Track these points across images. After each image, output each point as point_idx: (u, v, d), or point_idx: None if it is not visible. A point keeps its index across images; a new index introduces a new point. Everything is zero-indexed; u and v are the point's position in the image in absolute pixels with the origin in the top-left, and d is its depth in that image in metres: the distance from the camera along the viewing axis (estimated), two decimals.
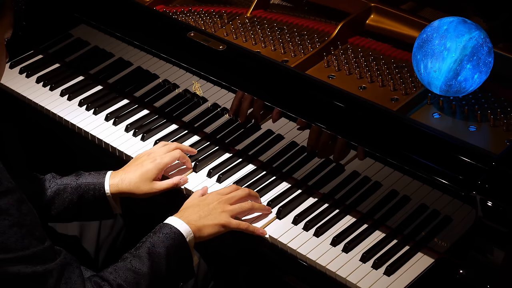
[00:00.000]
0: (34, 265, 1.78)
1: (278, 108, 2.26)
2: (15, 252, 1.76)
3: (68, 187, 2.19)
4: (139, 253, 1.96)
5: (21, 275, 1.77)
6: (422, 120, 2.17)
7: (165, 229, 2.02)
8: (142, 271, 1.93)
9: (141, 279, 1.93)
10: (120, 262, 1.96)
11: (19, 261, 1.77)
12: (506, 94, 2.24)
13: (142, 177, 2.21)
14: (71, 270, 1.84)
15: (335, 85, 2.25)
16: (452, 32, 2.13)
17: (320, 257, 2.09)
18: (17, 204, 1.78)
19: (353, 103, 2.18)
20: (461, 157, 1.98)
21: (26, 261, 1.77)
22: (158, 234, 2.01)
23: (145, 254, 1.95)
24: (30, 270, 1.77)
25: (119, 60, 2.66)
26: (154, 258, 1.96)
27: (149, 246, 1.98)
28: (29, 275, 1.77)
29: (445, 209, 2.05)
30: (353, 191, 2.20)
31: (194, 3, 2.76)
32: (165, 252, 1.97)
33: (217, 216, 2.10)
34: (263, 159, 2.35)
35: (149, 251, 1.96)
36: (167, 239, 2.00)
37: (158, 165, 2.24)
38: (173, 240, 2.00)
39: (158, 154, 2.26)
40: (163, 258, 1.97)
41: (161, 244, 1.98)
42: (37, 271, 1.78)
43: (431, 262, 2.06)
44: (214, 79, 2.37)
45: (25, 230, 1.77)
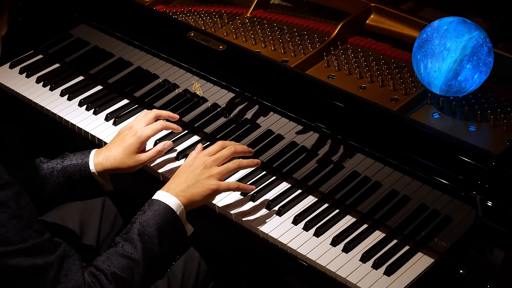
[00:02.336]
0: (33, 257, 1.78)
1: (278, 108, 2.25)
2: (15, 245, 1.76)
3: (55, 171, 2.19)
4: (130, 236, 1.94)
5: (21, 268, 1.77)
6: (422, 120, 2.17)
7: (154, 206, 1.99)
8: (135, 255, 1.91)
9: (134, 264, 1.91)
10: (112, 248, 1.94)
11: (19, 253, 1.76)
12: (506, 94, 2.24)
13: (126, 152, 2.20)
14: (72, 262, 1.84)
15: (335, 85, 2.25)
16: (452, 32, 2.13)
17: (320, 257, 2.09)
18: (16, 197, 1.78)
19: (353, 103, 2.18)
20: (461, 157, 1.98)
21: (26, 253, 1.77)
22: (148, 212, 1.98)
23: (136, 237, 1.93)
24: (29, 262, 1.77)
25: (119, 60, 2.66)
26: (145, 239, 1.93)
27: (139, 227, 1.95)
28: (28, 268, 1.77)
29: (445, 209, 2.05)
30: (353, 191, 2.20)
31: (194, 3, 2.76)
32: (156, 232, 1.95)
33: (205, 182, 2.07)
34: (263, 159, 2.35)
35: (140, 233, 1.94)
36: (157, 216, 1.97)
37: (140, 138, 2.22)
38: (164, 216, 1.98)
39: (139, 128, 2.24)
40: (155, 238, 1.94)
41: (151, 223, 1.95)
42: (36, 263, 1.78)
43: (431, 262, 2.06)
44: (214, 79, 2.37)
45: (24, 222, 1.77)
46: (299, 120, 2.22)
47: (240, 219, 2.21)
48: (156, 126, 2.26)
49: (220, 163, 2.13)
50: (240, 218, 2.21)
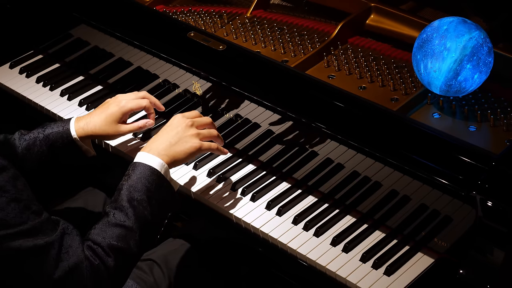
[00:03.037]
0: (34, 237, 1.79)
1: (278, 108, 2.25)
2: (15, 227, 1.78)
3: (37, 140, 2.20)
4: (120, 204, 1.94)
5: (23, 249, 1.78)
6: (422, 120, 2.17)
7: (138, 169, 1.99)
8: (128, 223, 1.92)
9: (128, 232, 1.91)
10: (103, 218, 1.94)
11: (20, 235, 1.78)
12: (506, 94, 2.24)
13: (107, 119, 2.22)
14: (71, 239, 1.86)
15: (335, 85, 2.25)
16: (452, 32, 2.13)
17: (320, 257, 2.09)
18: (13, 181, 1.80)
19: (353, 103, 2.18)
20: (461, 157, 1.98)
21: (27, 235, 1.79)
22: (133, 176, 1.98)
23: (126, 204, 1.93)
24: (31, 243, 1.79)
25: (119, 60, 2.66)
26: (135, 205, 1.94)
27: (127, 193, 1.95)
28: (30, 248, 1.79)
29: (445, 209, 2.05)
30: (353, 191, 2.20)
31: (194, 3, 2.76)
32: (145, 195, 1.95)
33: (188, 140, 2.08)
34: (263, 159, 2.35)
35: (129, 199, 1.94)
36: (143, 179, 1.97)
37: (123, 108, 2.23)
38: (149, 178, 1.98)
39: (125, 98, 2.26)
40: (144, 202, 1.95)
41: (138, 187, 1.96)
42: (38, 243, 1.80)
43: (431, 262, 2.06)
44: (214, 79, 2.37)
45: (22, 205, 1.79)
46: (299, 120, 2.22)
47: (240, 219, 2.21)
48: (142, 103, 2.27)
49: (199, 127, 2.14)
50: (240, 218, 2.21)
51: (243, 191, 2.27)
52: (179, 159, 2.07)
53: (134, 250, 1.92)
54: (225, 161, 2.37)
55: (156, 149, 2.05)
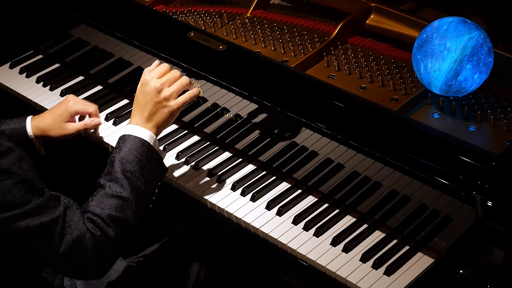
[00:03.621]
0: (40, 216, 1.84)
1: (278, 108, 2.25)
2: (22, 207, 1.82)
3: None
4: (114, 176, 2.00)
5: (30, 228, 1.83)
6: (422, 120, 2.17)
7: (129, 142, 2.05)
8: (124, 194, 1.98)
9: (125, 202, 1.97)
10: (99, 190, 1.99)
11: (26, 215, 1.83)
12: (506, 94, 2.24)
13: (55, 119, 2.33)
14: (72, 213, 1.91)
15: (335, 85, 2.25)
16: (452, 32, 2.13)
17: (320, 257, 2.09)
18: (19, 162, 1.84)
19: (353, 103, 2.18)
20: (461, 157, 1.98)
21: (32, 214, 1.84)
22: (124, 149, 2.04)
23: (121, 175, 1.99)
24: (37, 221, 1.84)
25: (119, 60, 2.66)
26: (129, 176, 2.00)
27: (120, 165, 2.01)
28: (37, 226, 1.84)
29: (445, 209, 2.05)
30: (353, 191, 2.20)
31: (194, 3, 2.76)
32: (137, 166, 2.02)
33: (165, 105, 2.11)
34: (263, 159, 2.35)
35: (122, 171, 2.00)
36: (134, 151, 2.03)
37: (69, 109, 2.34)
38: (140, 150, 2.04)
39: (73, 99, 2.37)
40: (137, 173, 2.01)
41: (130, 159, 2.02)
42: (44, 221, 1.85)
43: (431, 262, 2.06)
44: (214, 79, 2.37)
45: (27, 185, 1.84)
46: (299, 120, 2.22)
47: (241, 219, 2.21)
48: (88, 107, 2.37)
49: (170, 84, 2.14)
50: (240, 218, 2.21)
51: (243, 191, 2.27)
52: (162, 125, 2.12)
53: (131, 220, 1.98)
54: (225, 161, 2.37)
55: (141, 121, 2.10)
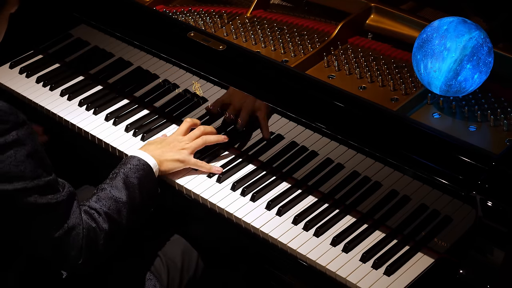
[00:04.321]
0: (46, 195, 1.90)
1: (278, 108, 2.25)
2: (32, 181, 1.88)
3: None
4: (116, 184, 2.12)
5: (38, 205, 1.89)
6: (422, 120, 2.17)
7: (134, 161, 2.19)
8: (122, 199, 2.09)
9: (122, 206, 2.09)
10: (100, 192, 2.10)
11: (35, 190, 1.89)
12: (506, 94, 2.24)
13: None
14: (73, 200, 1.98)
15: (335, 85, 2.25)
16: (452, 32, 2.13)
17: (320, 257, 2.09)
18: (32, 136, 1.89)
19: (353, 103, 2.18)
20: (461, 157, 1.98)
21: (40, 191, 1.89)
22: (128, 165, 2.18)
23: (122, 184, 2.12)
24: (45, 200, 1.90)
25: (119, 60, 2.66)
26: (129, 187, 2.13)
27: (123, 177, 2.14)
28: (44, 205, 1.90)
29: (445, 209, 2.05)
30: (353, 191, 2.20)
31: (194, 3, 2.76)
32: (137, 182, 2.15)
33: (177, 153, 2.29)
34: (263, 159, 2.35)
35: (124, 182, 2.13)
36: (138, 170, 2.17)
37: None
38: (143, 171, 2.18)
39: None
40: (136, 188, 2.14)
41: (133, 175, 2.16)
42: (50, 202, 1.91)
43: (431, 262, 2.06)
44: (214, 79, 2.37)
45: (38, 159, 1.90)
46: (299, 120, 2.23)
47: (240, 219, 2.21)
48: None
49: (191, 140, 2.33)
50: (240, 218, 2.21)
51: (243, 191, 2.27)
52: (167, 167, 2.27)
53: (124, 223, 2.08)
54: (224, 162, 2.37)
55: (151, 151, 2.26)
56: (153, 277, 2.22)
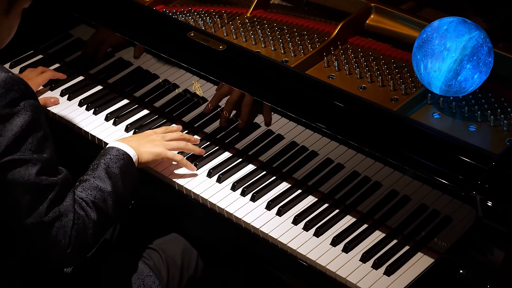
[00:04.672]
0: (42, 175, 1.91)
1: (278, 108, 2.25)
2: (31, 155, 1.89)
3: None
4: (99, 174, 2.11)
5: (30, 181, 1.89)
6: (422, 120, 2.17)
7: (113, 151, 2.18)
8: (107, 189, 2.09)
9: (107, 196, 2.08)
10: (84, 182, 2.09)
11: (32, 165, 1.89)
12: (506, 94, 2.24)
13: None
14: (68, 187, 1.99)
15: (335, 85, 2.25)
16: (452, 32, 2.13)
17: (320, 257, 2.09)
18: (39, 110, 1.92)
19: (353, 103, 2.18)
20: (461, 157, 1.98)
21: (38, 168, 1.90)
22: (108, 155, 2.17)
23: (104, 174, 2.12)
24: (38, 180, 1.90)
25: (119, 60, 2.66)
26: (111, 177, 2.12)
27: (104, 167, 2.13)
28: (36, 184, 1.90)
29: (445, 209, 2.05)
30: (353, 191, 2.20)
31: (194, 3, 2.76)
32: (119, 171, 2.14)
33: (155, 146, 2.28)
34: (263, 159, 2.35)
35: (106, 171, 2.12)
36: (118, 160, 2.17)
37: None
38: (123, 160, 2.17)
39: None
40: (119, 178, 2.13)
41: (114, 165, 2.15)
42: (43, 182, 1.91)
43: (431, 262, 2.06)
44: (214, 79, 2.37)
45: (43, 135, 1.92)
46: (299, 120, 2.23)
47: (240, 219, 2.21)
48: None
49: (169, 140, 2.33)
50: (240, 218, 2.21)
51: (243, 191, 2.27)
52: (145, 157, 2.25)
53: (111, 213, 2.08)
54: (225, 161, 2.37)
55: (128, 142, 2.25)
56: (153, 274, 2.22)
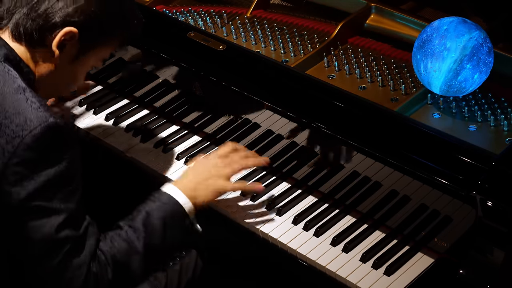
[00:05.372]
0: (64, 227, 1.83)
1: (278, 108, 2.26)
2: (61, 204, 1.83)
3: None
4: (135, 224, 1.97)
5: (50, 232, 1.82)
6: (422, 120, 2.17)
7: (163, 199, 2.03)
8: (136, 244, 1.95)
9: (134, 253, 1.94)
10: (116, 230, 1.97)
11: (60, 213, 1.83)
12: (506, 94, 2.24)
13: None
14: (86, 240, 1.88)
15: (335, 85, 2.25)
16: (452, 32, 2.13)
17: (320, 257, 2.09)
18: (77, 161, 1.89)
19: (353, 103, 2.18)
20: (461, 157, 1.98)
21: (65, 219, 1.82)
22: (156, 202, 2.02)
23: (141, 226, 1.97)
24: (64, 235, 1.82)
25: (119, 60, 2.66)
26: (149, 230, 1.97)
27: (144, 216, 1.98)
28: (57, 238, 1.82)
29: (445, 209, 2.05)
30: (353, 191, 2.20)
31: (194, 3, 2.76)
32: (161, 223, 1.98)
33: (213, 183, 2.11)
34: None
35: (145, 223, 1.97)
36: (165, 209, 2.01)
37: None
38: (171, 211, 2.02)
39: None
40: (158, 231, 1.98)
41: (158, 215, 1.99)
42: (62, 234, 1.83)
43: (431, 262, 2.06)
44: (214, 79, 2.37)
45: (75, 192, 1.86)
46: (299, 120, 2.23)
47: (241, 219, 2.21)
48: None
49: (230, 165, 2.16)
50: (240, 218, 2.21)
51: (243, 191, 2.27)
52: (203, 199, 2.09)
53: (133, 270, 1.95)
54: None
55: (183, 186, 2.07)
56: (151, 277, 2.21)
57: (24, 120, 1.80)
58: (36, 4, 1.89)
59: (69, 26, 1.88)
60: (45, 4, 1.88)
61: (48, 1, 1.89)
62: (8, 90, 1.84)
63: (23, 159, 1.79)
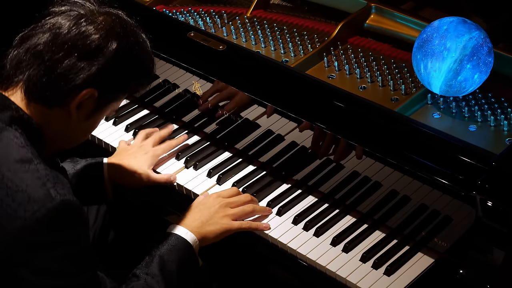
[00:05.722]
0: None
1: (278, 108, 2.25)
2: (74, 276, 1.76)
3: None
4: (152, 271, 1.95)
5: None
6: (422, 120, 2.18)
7: (172, 240, 2.03)
8: None
9: None
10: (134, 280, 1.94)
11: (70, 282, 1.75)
12: (506, 94, 2.24)
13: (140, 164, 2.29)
14: None
15: (335, 85, 2.25)
16: (452, 32, 2.13)
17: (320, 257, 2.09)
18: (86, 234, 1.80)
19: (353, 103, 2.18)
20: (461, 157, 1.98)
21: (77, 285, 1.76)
22: (166, 245, 2.01)
23: (158, 272, 1.95)
24: None
25: None
26: (166, 275, 1.96)
27: (160, 261, 1.97)
28: None
29: (445, 209, 2.05)
30: (353, 191, 2.20)
31: (194, 3, 2.76)
32: (177, 266, 1.98)
33: (219, 221, 2.10)
34: (263, 159, 2.35)
35: (161, 268, 1.96)
36: (176, 250, 2.00)
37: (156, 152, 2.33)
38: (182, 251, 2.01)
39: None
40: (174, 273, 1.98)
41: (171, 258, 1.99)
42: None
43: (431, 262, 2.06)
44: (214, 79, 2.37)
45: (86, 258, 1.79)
46: (299, 120, 2.23)
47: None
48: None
49: (234, 206, 2.15)
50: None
51: (243, 191, 2.27)
52: (209, 238, 2.09)
53: None
54: (224, 162, 2.37)
55: (190, 225, 2.07)
56: None
57: (27, 199, 1.68)
58: (55, 63, 1.76)
59: (90, 87, 1.78)
60: (66, 62, 1.76)
61: (69, 60, 1.76)
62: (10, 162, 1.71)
63: (27, 243, 1.69)
